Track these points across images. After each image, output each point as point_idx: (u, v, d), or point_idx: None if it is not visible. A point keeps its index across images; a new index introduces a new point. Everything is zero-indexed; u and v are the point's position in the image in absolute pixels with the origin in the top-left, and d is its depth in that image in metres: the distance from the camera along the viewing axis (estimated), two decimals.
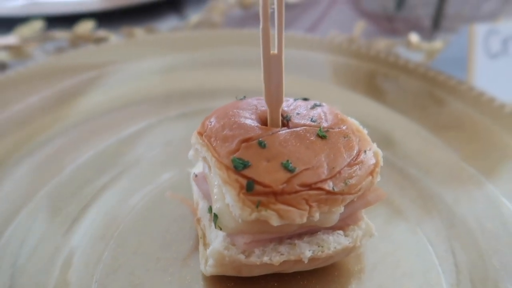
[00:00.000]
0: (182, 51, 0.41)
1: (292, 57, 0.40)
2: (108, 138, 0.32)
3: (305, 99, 0.26)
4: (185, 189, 0.29)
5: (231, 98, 0.41)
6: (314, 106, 0.24)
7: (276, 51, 0.19)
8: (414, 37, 0.46)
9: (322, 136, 0.21)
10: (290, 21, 0.54)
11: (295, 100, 0.25)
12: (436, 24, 0.52)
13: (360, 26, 0.45)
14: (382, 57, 0.40)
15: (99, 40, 0.45)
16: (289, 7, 0.58)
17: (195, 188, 0.26)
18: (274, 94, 0.20)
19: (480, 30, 0.40)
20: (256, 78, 0.38)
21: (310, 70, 0.39)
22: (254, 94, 0.25)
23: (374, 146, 0.23)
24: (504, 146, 0.31)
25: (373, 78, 0.37)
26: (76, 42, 0.46)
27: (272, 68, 0.20)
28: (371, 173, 0.22)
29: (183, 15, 0.55)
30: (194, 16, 0.50)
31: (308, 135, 0.21)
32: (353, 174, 0.21)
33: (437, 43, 0.47)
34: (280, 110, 0.21)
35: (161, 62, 0.41)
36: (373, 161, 0.22)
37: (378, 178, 0.22)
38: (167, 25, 0.53)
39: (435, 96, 0.35)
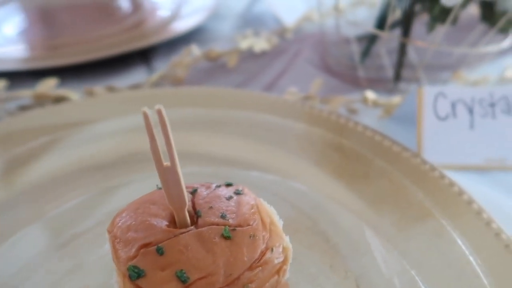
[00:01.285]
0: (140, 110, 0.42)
1: (242, 119, 0.41)
2: (48, 212, 0.33)
3: (229, 185, 0.27)
4: None
5: (193, 164, 0.41)
6: (230, 197, 0.24)
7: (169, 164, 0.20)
8: (370, 94, 0.46)
9: (226, 236, 0.21)
10: (254, 73, 0.55)
11: (216, 187, 0.26)
12: (397, 75, 0.52)
13: (317, 84, 0.46)
14: (333, 119, 0.40)
15: (60, 99, 0.46)
16: (254, 57, 0.59)
17: None
18: (176, 200, 0.21)
19: (428, 92, 0.40)
20: (218, 141, 0.39)
21: (259, 134, 0.39)
22: (217, 159, 0.25)
23: (286, 240, 0.23)
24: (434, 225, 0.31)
25: (319, 144, 0.38)
26: (40, 101, 0.47)
27: (169, 179, 0.20)
28: (278, 272, 0.22)
29: (151, 67, 0.56)
30: (160, 70, 0.51)
31: (212, 236, 0.21)
32: (254, 278, 0.21)
33: (395, 99, 0.48)
34: (186, 212, 0.22)
35: (119, 123, 0.41)
36: (280, 259, 0.22)
37: (286, 275, 0.22)
38: (136, 77, 0.54)
39: (376, 165, 0.35)
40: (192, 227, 0.22)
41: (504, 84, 0.54)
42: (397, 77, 0.52)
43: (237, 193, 0.25)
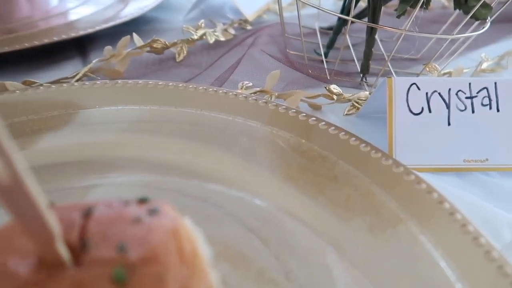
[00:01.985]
0: (53, 112, 0.34)
1: (182, 118, 0.34)
2: None
3: (143, 201, 0.20)
4: None
5: (121, 171, 0.35)
6: (138, 220, 0.18)
7: (10, 182, 0.13)
8: (334, 88, 0.41)
9: (119, 281, 0.15)
10: (206, 67, 0.49)
11: (123, 204, 0.19)
12: (366, 67, 0.47)
13: (273, 77, 0.40)
14: (289, 116, 0.34)
15: None
16: (208, 49, 0.53)
17: None
18: (36, 232, 0.14)
19: (400, 83, 0.35)
20: (153, 144, 0.32)
21: (202, 135, 0.33)
22: (150, 165, 0.18)
23: (213, 278, 0.17)
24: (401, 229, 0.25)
25: (273, 145, 0.32)
26: None
27: (16, 203, 0.13)
28: None
29: (88, 61, 0.48)
30: (94, 62, 0.44)
31: (97, 283, 0.15)
32: None
33: (363, 93, 0.42)
34: (58, 246, 0.15)
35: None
36: None
37: None
38: (68, 71, 0.47)
39: (341, 169, 0.29)
40: (71, 268, 0.15)
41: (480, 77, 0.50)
42: (366, 69, 0.47)
43: (151, 213, 0.18)
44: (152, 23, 0.61)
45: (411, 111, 0.35)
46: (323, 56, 0.51)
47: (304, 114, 0.34)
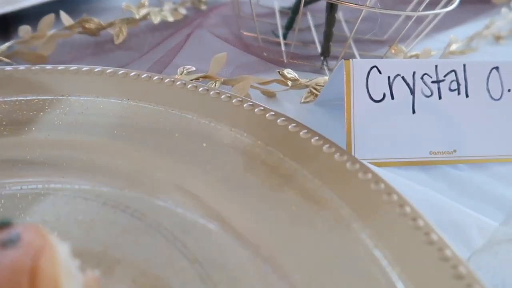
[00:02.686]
0: None
1: (102, 111, 0.29)
2: None
3: (1, 225, 0.15)
4: None
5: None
6: None
7: None
8: (288, 72, 0.36)
9: None
10: (147, 51, 0.43)
11: None
12: (326, 49, 0.42)
13: (218, 60, 0.35)
14: (232, 104, 0.29)
15: None
16: (152, 31, 0.47)
17: None
18: None
19: (359, 66, 0.31)
20: (61, 143, 0.27)
21: (122, 132, 0.28)
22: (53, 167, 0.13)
23: None
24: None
25: (207, 141, 0.27)
26: None
27: None
28: None
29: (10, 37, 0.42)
30: (7, 45, 0.38)
31: None
32: None
33: (321, 78, 0.38)
34: None
35: None
36: None
37: None
38: None
39: (287, 167, 0.25)
40: None
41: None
42: (326, 51, 0.42)
43: (7, 244, 0.13)
44: (93, 2, 0.54)
45: (371, 98, 0.31)
46: (281, 38, 0.46)
47: (250, 103, 0.29)
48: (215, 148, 0.26)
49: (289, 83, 0.36)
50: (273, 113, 0.29)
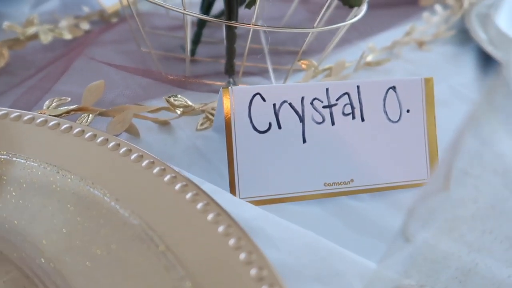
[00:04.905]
0: None
1: None
2: None
3: None
4: None
5: None
6: None
7: None
8: (175, 100, 0.32)
9: None
10: (28, 76, 0.38)
11: None
12: (229, 69, 0.39)
13: (94, 90, 0.31)
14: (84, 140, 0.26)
15: None
16: (43, 51, 0.43)
17: None
18: None
19: (240, 94, 0.28)
20: None
21: None
22: None
23: None
24: None
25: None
26: None
27: None
28: None
29: None
30: None
31: None
32: None
33: (214, 103, 0.34)
34: None
35: None
36: None
37: None
38: None
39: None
40: None
41: (364, 71, 0.44)
42: (230, 69, 0.39)
43: None
44: None
45: (255, 129, 0.28)
46: (188, 54, 0.43)
47: (104, 138, 0.25)
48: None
49: (178, 111, 0.32)
50: (114, 143, 0.25)
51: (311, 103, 0.29)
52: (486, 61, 0.49)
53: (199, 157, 0.32)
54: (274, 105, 0.28)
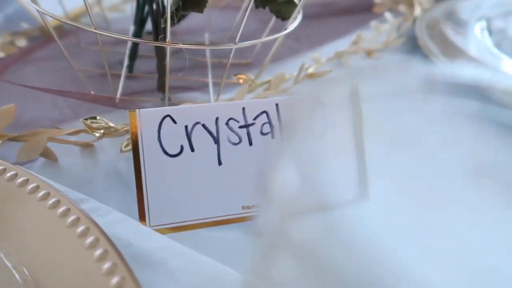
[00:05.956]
0: None
1: None
2: None
3: None
4: None
5: None
6: None
7: None
8: (94, 122, 0.31)
9: None
10: None
11: None
12: (160, 86, 0.38)
13: (5, 113, 0.29)
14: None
15: None
16: None
17: None
18: None
19: (148, 117, 0.26)
20: None
21: None
22: None
23: None
24: None
25: None
26: None
27: None
28: None
29: None
30: None
31: None
32: None
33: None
34: None
35: None
36: None
37: None
38: None
39: None
40: None
41: (305, 84, 0.43)
42: (161, 86, 0.38)
43: None
44: None
45: (166, 153, 0.26)
46: (124, 70, 0.42)
47: None
48: None
49: (97, 133, 0.31)
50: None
51: (227, 124, 0.27)
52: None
53: (118, 182, 0.31)
54: (186, 127, 0.27)
